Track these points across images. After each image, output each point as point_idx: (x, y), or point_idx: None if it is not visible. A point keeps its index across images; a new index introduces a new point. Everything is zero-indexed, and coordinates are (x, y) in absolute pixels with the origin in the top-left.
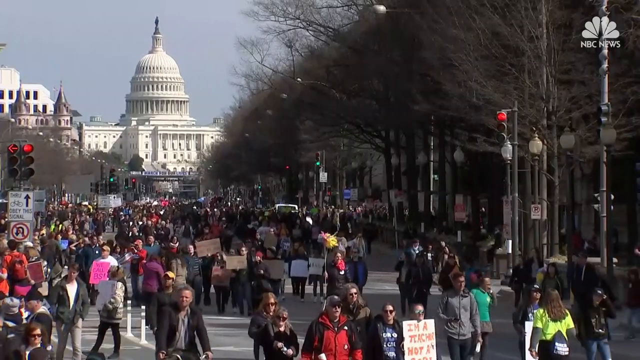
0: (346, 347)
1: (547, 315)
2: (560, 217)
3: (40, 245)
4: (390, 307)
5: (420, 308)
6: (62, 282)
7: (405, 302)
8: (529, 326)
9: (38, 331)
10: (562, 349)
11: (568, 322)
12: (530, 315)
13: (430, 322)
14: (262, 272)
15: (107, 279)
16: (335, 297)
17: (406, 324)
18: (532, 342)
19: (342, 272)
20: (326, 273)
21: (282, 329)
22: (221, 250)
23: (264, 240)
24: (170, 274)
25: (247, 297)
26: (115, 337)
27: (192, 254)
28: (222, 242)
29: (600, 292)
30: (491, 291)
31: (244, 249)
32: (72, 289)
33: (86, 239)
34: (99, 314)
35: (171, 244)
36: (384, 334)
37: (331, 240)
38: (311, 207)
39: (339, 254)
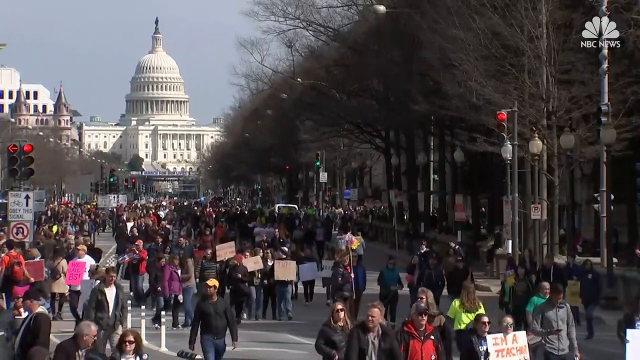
0: (433, 357)
1: (461, 306)
2: (560, 217)
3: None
4: (485, 319)
5: (509, 320)
6: (101, 286)
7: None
8: (630, 334)
9: (131, 338)
10: None
11: (481, 313)
12: (637, 323)
13: (521, 335)
14: (240, 275)
15: (82, 279)
16: (422, 304)
17: (491, 338)
18: (448, 333)
19: (345, 275)
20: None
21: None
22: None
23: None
24: (211, 282)
25: (259, 299)
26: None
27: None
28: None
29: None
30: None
31: (260, 250)
32: (111, 293)
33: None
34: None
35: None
36: (480, 347)
37: (357, 241)
38: (308, 207)
39: (345, 257)
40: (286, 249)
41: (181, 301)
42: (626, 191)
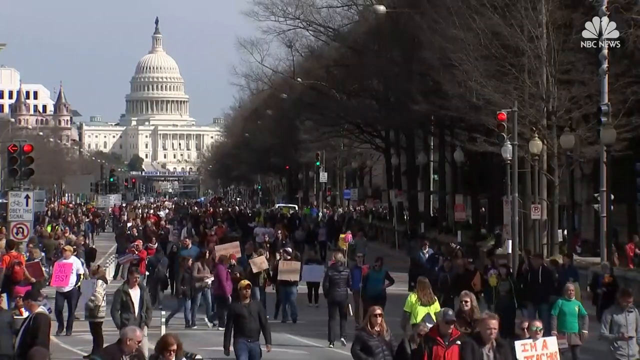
0: None
1: (418, 300)
2: (560, 217)
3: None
4: (527, 324)
5: (538, 324)
6: (125, 287)
7: None
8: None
9: (174, 346)
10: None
11: (436, 307)
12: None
13: (552, 340)
14: (238, 275)
15: (69, 280)
16: (450, 312)
17: (520, 344)
18: (404, 325)
19: (343, 275)
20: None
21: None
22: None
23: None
24: (244, 283)
25: (263, 299)
26: (95, 336)
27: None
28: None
29: None
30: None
31: (263, 250)
32: (135, 294)
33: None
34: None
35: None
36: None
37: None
38: (305, 207)
39: (338, 256)
40: (290, 249)
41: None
42: (626, 191)
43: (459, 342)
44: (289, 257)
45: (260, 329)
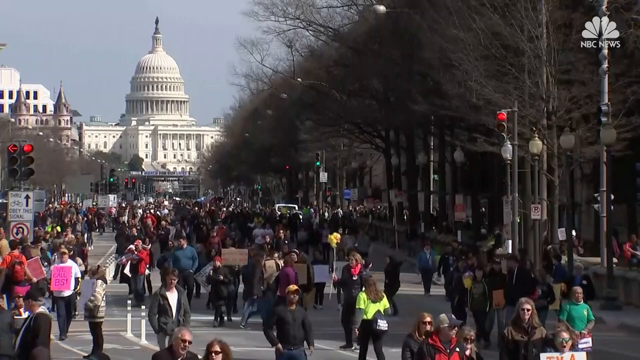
0: None
1: (367, 298)
2: (560, 217)
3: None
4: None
5: (565, 335)
6: (162, 291)
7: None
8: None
9: (217, 348)
10: (382, 324)
11: (385, 303)
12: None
13: (581, 356)
14: (221, 277)
15: (70, 285)
16: (453, 316)
17: (545, 357)
18: (356, 320)
19: (355, 278)
20: (334, 275)
21: (467, 352)
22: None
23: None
24: (293, 288)
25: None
26: (95, 336)
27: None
28: (227, 246)
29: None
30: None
31: (276, 254)
32: (172, 297)
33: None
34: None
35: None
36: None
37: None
38: (303, 207)
39: (353, 259)
40: (297, 251)
41: None
42: (626, 191)
43: (458, 350)
44: (296, 260)
45: (303, 337)
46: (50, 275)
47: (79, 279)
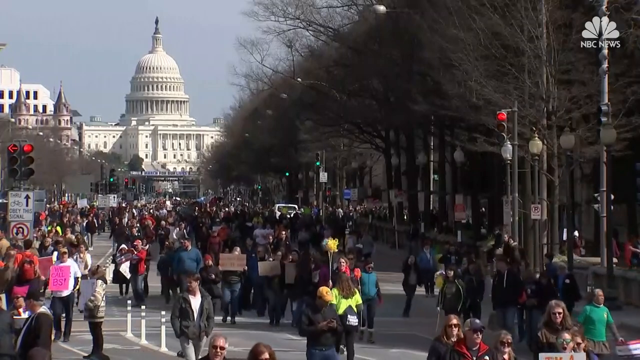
0: None
1: (339, 294)
2: (560, 217)
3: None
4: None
5: (566, 336)
6: (185, 294)
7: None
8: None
9: (266, 355)
10: (353, 320)
11: (357, 299)
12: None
13: (580, 357)
14: (213, 276)
15: (68, 285)
16: (477, 320)
17: (544, 357)
18: (326, 317)
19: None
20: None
21: (505, 356)
22: (245, 264)
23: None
24: (325, 290)
25: (278, 305)
26: (95, 336)
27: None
28: (229, 245)
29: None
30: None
31: (279, 253)
32: (195, 301)
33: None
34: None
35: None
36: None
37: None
38: (305, 207)
39: (342, 260)
40: (298, 251)
41: None
42: (626, 191)
43: (487, 358)
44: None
45: (334, 337)
46: (49, 275)
47: (79, 279)
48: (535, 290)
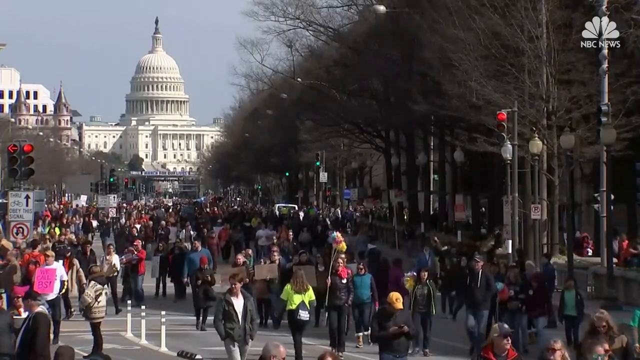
0: None
1: (292, 289)
2: (560, 217)
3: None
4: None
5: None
6: (227, 296)
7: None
8: None
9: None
10: (304, 315)
11: (310, 295)
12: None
13: None
14: (208, 278)
15: (53, 287)
16: (506, 325)
17: None
18: (280, 311)
19: (344, 281)
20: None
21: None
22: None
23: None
24: (395, 295)
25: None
26: (95, 336)
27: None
28: (230, 246)
29: None
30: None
31: (275, 254)
32: (238, 303)
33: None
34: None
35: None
36: None
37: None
38: (308, 208)
39: (340, 260)
40: (305, 253)
41: None
42: (626, 191)
43: None
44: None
45: (409, 343)
46: (34, 277)
47: (65, 282)
48: (521, 292)
